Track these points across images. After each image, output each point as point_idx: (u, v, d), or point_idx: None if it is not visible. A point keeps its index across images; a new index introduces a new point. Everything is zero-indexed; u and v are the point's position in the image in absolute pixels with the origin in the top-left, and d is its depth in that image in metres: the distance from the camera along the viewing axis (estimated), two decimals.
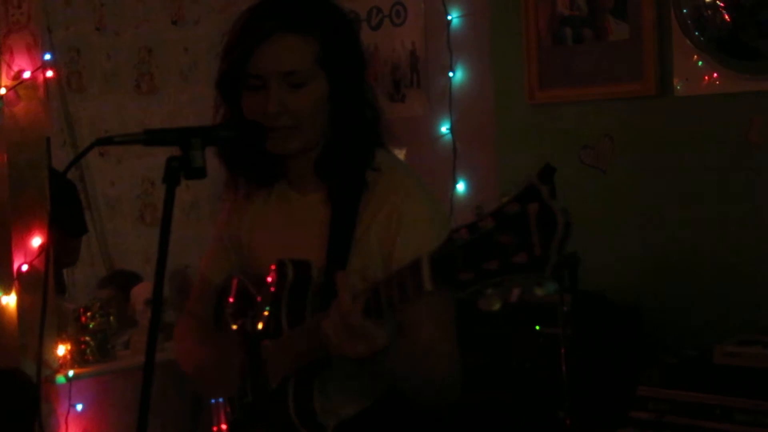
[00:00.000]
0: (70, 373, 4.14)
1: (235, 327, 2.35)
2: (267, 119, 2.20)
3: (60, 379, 4.12)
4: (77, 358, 4.24)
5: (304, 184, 2.34)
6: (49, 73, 4.16)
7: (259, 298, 2.28)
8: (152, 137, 2.05)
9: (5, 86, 4.04)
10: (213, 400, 2.46)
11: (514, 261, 1.57)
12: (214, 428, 2.44)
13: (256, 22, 2.22)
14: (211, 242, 2.56)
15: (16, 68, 4.06)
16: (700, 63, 4.16)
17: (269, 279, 2.22)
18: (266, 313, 2.22)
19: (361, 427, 2.26)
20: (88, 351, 4.28)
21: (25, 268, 4.03)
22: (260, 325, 2.24)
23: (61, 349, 4.16)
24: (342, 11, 2.31)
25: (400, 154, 5.03)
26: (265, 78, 2.19)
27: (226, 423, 2.38)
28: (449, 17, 5.04)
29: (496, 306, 1.63)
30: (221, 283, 2.46)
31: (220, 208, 2.57)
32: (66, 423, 4.11)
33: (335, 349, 1.93)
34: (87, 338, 4.28)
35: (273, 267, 2.21)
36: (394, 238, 2.19)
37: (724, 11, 4.03)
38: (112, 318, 4.36)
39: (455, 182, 5.01)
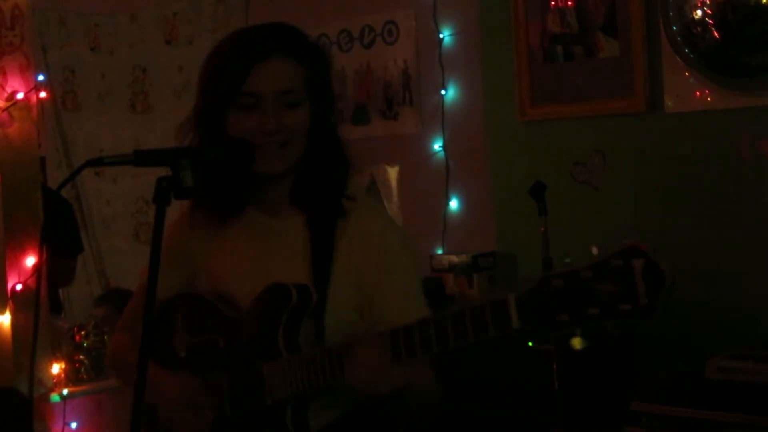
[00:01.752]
0: (65, 391, 4.15)
1: (196, 342, 2.37)
2: (259, 136, 2.24)
3: (54, 397, 4.13)
4: (72, 376, 4.25)
5: (276, 210, 2.38)
6: (43, 94, 4.18)
7: (239, 318, 2.30)
8: (142, 158, 2.07)
9: None
10: None
11: (618, 308, 1.80)
12: None
13: (252, 45, 2.28)
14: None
15: (9, 89, 4.09)
16: (690, 79, 4.17)
17: (259, 300, 2.25)
18: (255, 334, 2.24)
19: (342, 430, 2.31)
20: (82, 369, 4.29)
21: (19, 287, 4.04)
22: (246, 345, 2.26)
23: (56, 368, 4.17)
24: (324, 50, 2.42)
25: (393, 171, 5.07)
26: (262, 97, 2.24)
27: None
28: (441, 35, 5.06)
29: (579, 346, 1.96)
30: (164, 299, 2.44)
31: (170, 224, 2.57)
32: None
33: (359, 389, 2.06)
34: (81, 357, 4.29)
35: (267, 288, 2.24)
36: (375, 279, 2.28)
37: (713, 28, 4.05)
38: (106, 336, 4.36)
39: (448, 199, 5.03)
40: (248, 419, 2.26)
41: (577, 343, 1.98)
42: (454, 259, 4.70)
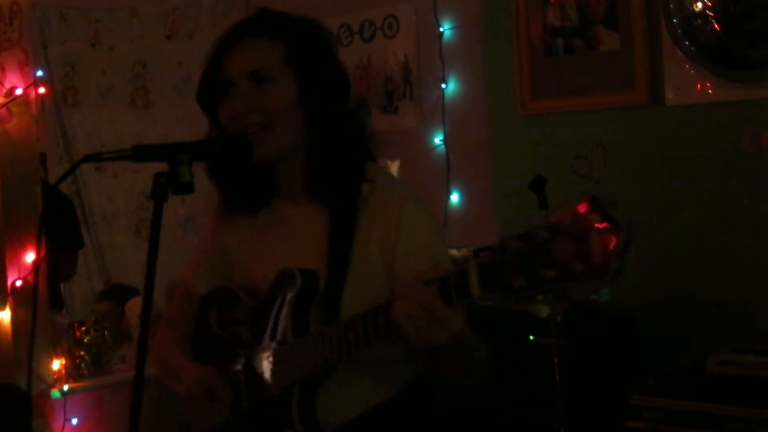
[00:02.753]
0: (65, 387, 4.14)
1: (225, 336, 2.37)
2: (237, 121, 2.23)
3: (55, 393, 4.12)
4: (72, 372, 4.24)
5: (295, 196, 2.35)
6: (42, 90, 4.17)
7: (255, 308, 2.29)
8: (140, 153, 2.06)
9: None
10: None
11: (572, 269, 1.63)
12: None
13: (225, 34, 2.30)
14: (193, 252, 2.57)
15: (8, 85, 4.08)
16: (691, 72, 4.17)
17: (271, 287, 2.24)
18: (267, 322, 2.23)
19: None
20: (83, 365, 4.28)
21: (19, 283, 4.03)
22: (259, 334, 2.25)
23: (56, 364, 4.16)
24: (312, 21, 2.37)
25: (394, 165, 5.05)
26: (234, 80, 2.24)
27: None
28: (441, 29, 5.05)
29: (544, 313, 1.73)
30: (204, 292, 2.47)
31: (206, 221, 2.58)
32: None
33: (415, 338, 1.93)
34: (82, 352, 4.28)
35: (277, 275, 2.24)
36: (394, 245, 2.22)
37: (714, 21, 4.04)
38: (106, 332, 4.36)
39: (449, 193, 5.03)
40: (259, 411, 2.26)
41: (539, 310, 1.76)
42: (454, 252, 4.68)
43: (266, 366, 2.22)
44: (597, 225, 1.61)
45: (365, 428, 2.28)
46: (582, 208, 1.64)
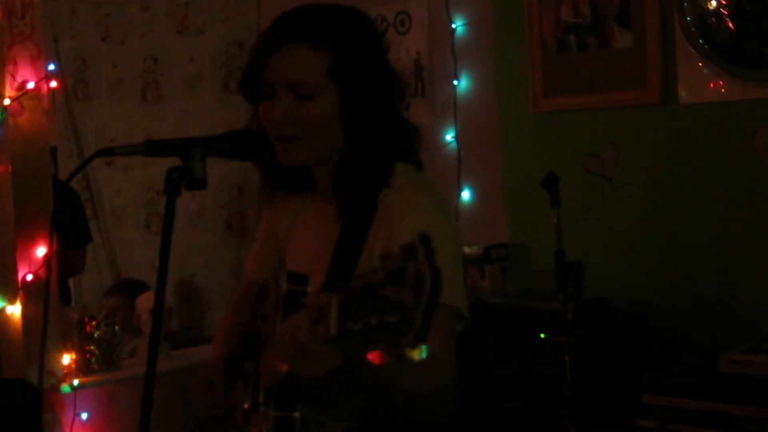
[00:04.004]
0: (75, 382, 4.14)
1: (261, 328, 2.37)
2: (273, 128, 2.21)
3: (65, 388, 4.12)
4: (82, 367, 4.24)
5: (327, 195, 2.33)
6: (53, 84, 4.16)
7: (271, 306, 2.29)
8: (152, 148, 2.05)
9: (9, 97, 4.05)
10: None
11: (386, 319, 1.53)
12: None
13: (272, 33, 2.24)
14: (256, 242, 2.61)
15: (20, 79, 4.07)
16: (704, 71, 4.15)
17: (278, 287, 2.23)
18: (275, 323, 2.23)
19: None
20: (93, 360, 4.28)
21: (29, 277, 4.03)
22: (271, 334, 2.24)
23: (66, 359, 4.16)
24: (363, 21, 2.31)
25: None
26: (275, 87, 2.21)
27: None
28: (453, 26, 5.04)
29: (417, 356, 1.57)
30: (264, 282, 2.46)
31: (265, 209, 2.60)
32: None
33: (293, 368, 1.90)
34: (92, 347, 4.28)
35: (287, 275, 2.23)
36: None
37: (728, 19, 4.03)
38: (117, 327, 4.36)
39: (460, 190, 5.01)
40: (255, 415, 2.24)
41: (379, 357, 1.58)
42: (465, 250, 4.68)
43: (259, 367, 2.22)
44: (411, 276, 1.51)
45: None
46: (407, 252, 1.54)
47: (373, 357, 1.61)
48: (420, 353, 1.54)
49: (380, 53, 2.30)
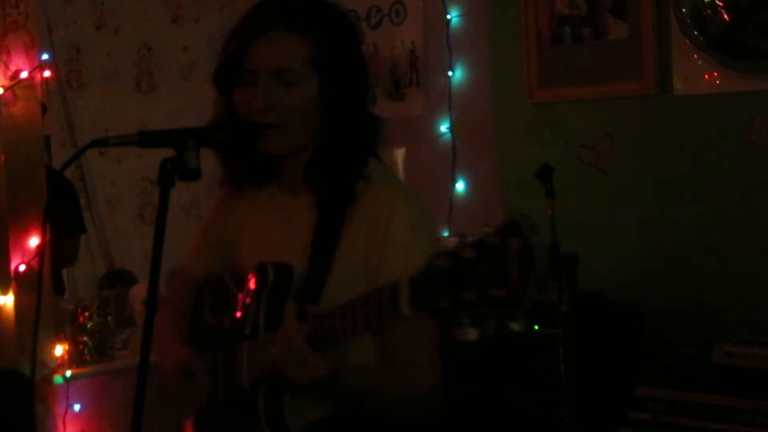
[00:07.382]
0: (68, 373, 4.13)
1: (213, 322, 2.36)
2: (253, 115, 2.19)
3: (58, 379, 4.11)
4: (75, 358, 4.23)
5: (293, 187, 2.32)
6: (47, 73, 4.14)
7: (240, 297, 2.26)
8: (146, 139, 2.03)
9: (3, 86, 4.03)
10: None
11: (490, 294, 1.59)
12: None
13: (255, 18, 2.22)
14: (196, 236, 2.55)
15: (13, 68, 4.05)
16: (699, 62, 4.15)
17: (251, 279, 2.22)
18: (244, 314, 2.22)
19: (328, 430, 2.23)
20: (86, 351, 4.27)
21: (22, 268, 4.02)
22: (238, 325, 2.23)
23: (59, 350, 4.15)
24: (343, 14, 2.30)
25: (399, 153, 5.04)
26: (257, 73, 2.19)
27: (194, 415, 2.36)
28: (449, 16, 5.03)
29: (471, 336, 1.65)
30: (202, 277, 2.45)
31: (210, 204, 2.56)
32: (64, 423, 4.10)
33: (280, 369, 1.98)
34: (85, 338, 4.26)
35: (257, 267, 2.21)
36: (380, 253, 2.18)
37: (723, 11, 4.02)
38: (110, 318, 4.34)
39: (455, 181, 5.01)
40: (231, 405, 2.23)
41: (463, 334, 1.65)
42: None
43: (241, 358, 2.19)
44: (516, 251, 1.58)
45: (334, 428, 2.23)
46: (504, 231, 1.60)
47: (458, 333, 1.66)
48: (523, 325, 1.63)
49: (358, 46, 2.32)
